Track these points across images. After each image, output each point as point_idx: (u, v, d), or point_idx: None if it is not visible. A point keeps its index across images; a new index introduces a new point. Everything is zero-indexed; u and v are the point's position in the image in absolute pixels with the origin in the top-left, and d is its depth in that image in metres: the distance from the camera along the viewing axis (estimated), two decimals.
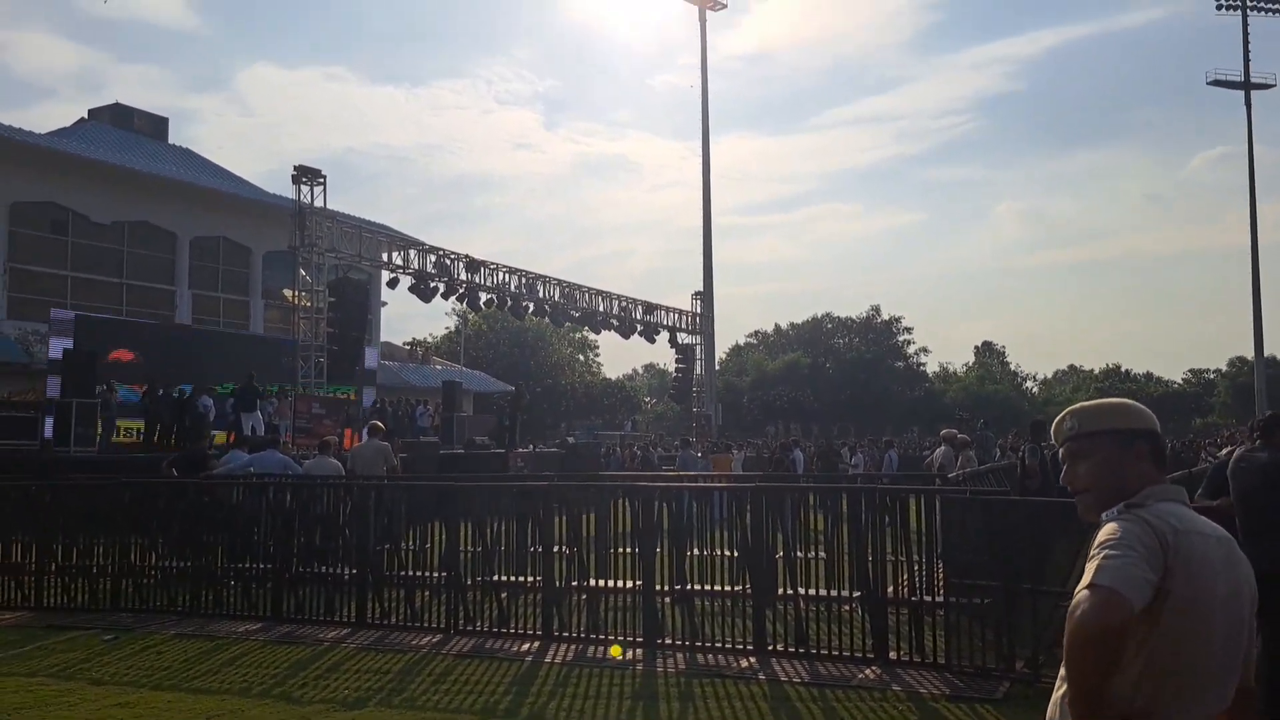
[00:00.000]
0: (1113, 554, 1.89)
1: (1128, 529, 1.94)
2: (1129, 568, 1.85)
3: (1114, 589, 1.81)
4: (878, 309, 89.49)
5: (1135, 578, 1.84)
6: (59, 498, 10.78)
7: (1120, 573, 1.84)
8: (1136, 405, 2.23)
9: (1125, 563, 1.86)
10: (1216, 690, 1.97)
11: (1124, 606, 1.80)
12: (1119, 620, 1.80)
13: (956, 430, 15.47)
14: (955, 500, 7.69)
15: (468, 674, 7.34)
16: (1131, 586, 1.82)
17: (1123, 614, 1.80)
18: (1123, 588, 1.81)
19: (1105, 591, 1.81)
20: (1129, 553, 1.88)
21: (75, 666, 7.73)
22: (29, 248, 31.11)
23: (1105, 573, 1.85)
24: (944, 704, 6.24)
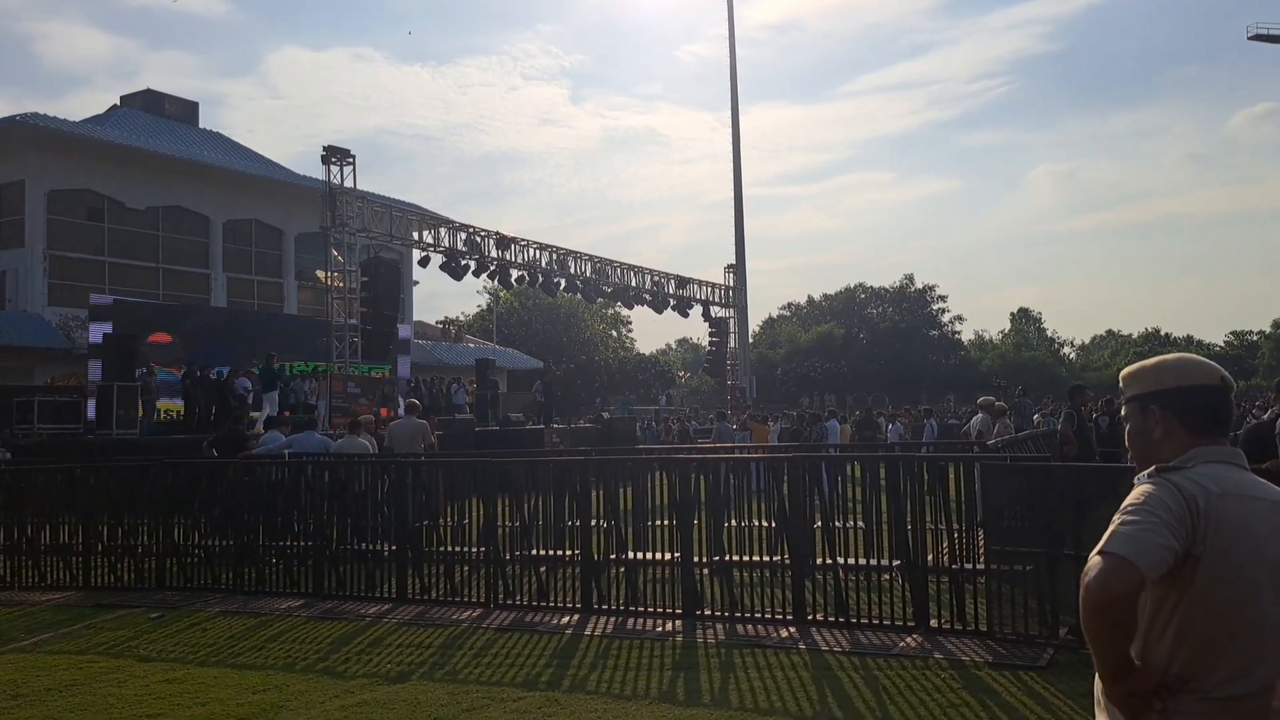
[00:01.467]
0: (1130, 519, 1.87)
1: (1152, 494, 1.91)
2: (1143, 533, 1.82)
3: (1122, 555, 1.78)
4: (911, 278, 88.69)
5: (1149, 543, 1.81)
6: (103, 479, 10.95)
7: (1132, 539, 1.81)
8: (1166, 363, 2.14)
9: (1139, 528, 1.83)
10: (1271, 658, 1.91)
11: (1131, 573, 1.77)
12: (1125, 588, 1.77)
13: (994, 398, 15.28)
14: (994, 467, 7.59)
15: (508, 647, 7.38)
16: (1143, 553, 1.79)
17: (1130, 581, 1.77)
18: (1132, 555, 1.78)
19: (1113, 559, 1.79)
20: (1149, 518, 1.85)
21: (123, 644, 7.87)
22: (67, 235, 31.54)
23: (1116, 539, 1.83)
24: (987, 671, 6.18)
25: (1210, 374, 2.11)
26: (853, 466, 9.44)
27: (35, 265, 30.31)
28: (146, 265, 33.71)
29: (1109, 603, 1.78)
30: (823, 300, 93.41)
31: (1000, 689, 5.82)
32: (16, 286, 30.24)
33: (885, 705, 5.60)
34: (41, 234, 30.58)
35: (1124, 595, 1.78)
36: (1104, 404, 19.57)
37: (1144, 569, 1.78)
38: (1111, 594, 1.78)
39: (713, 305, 39.45)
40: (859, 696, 5.79)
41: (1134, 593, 1.79)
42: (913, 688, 5.93)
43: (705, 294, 38.85)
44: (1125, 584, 1.77)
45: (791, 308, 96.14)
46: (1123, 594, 1.77)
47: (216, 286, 35.67)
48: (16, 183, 30.71)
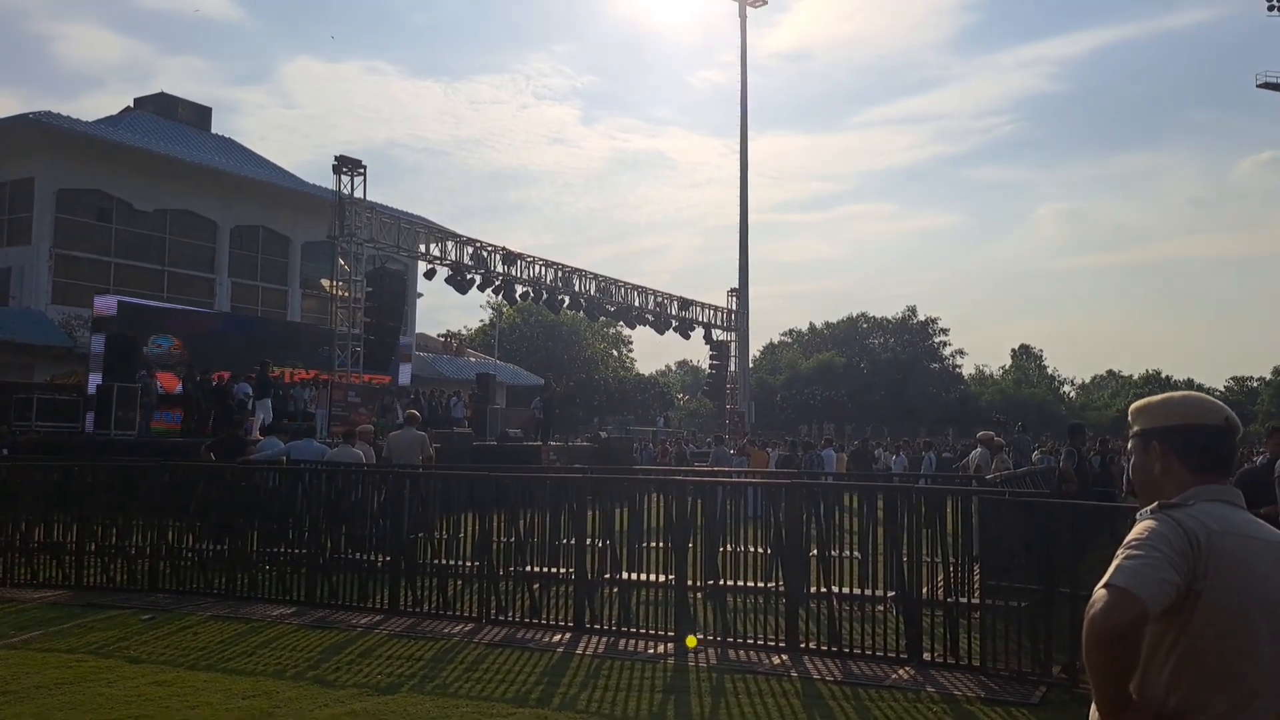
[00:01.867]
0: (1134, 553, 1.87)
1: (1155, 529, 1.92)
2: (1146, 568, 1.83)
3: (1127, 589, 1.79)
4: (914, 309, 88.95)
5: (1152, 578, 1.81)
6: (99, 479, 10.94)
7: (1136, 573, 1.82)
8: (1172, 401, 2.15)
9: (1143, 563, 1.84)
10: (1266, 695, 1.91)
11: (1136, 606, 1.78)
12: (1128, 620, 1.77)
13: (993, 433, 15.28)
14: (993, 502, 7.59)
15: (499, 663, 7.36)
16: (1147, 587, 1.80)
17: (1133, 614, 1.77)
18: (1136, 588, 1.79)
19: (1117, 592, 1.79)
20: (1151, 552, 1.85)
21: (114, 644, 7.84)
22: (74, 234, 31.62)
23: (1121, 573, 1.84)
24: (979, 706, 6.16)
25: (1215, 413, 2.11)
26: (851, 496, 9.42)
27: (40, 263, 30.37)
28: (152, 267, 33.77)
29: (1112, 635, 1.79)
30: (824, 328, 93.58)
31: None
32: (21, 283, 30.29)
33: None
34: (48, 232, 30.65)
35: (1127, 628, 1.78)
36: (1100, 444, 19.62)
37: (1147, 602, 1.79)
38: (1115, 626, 1.78)
39: (714, 328, 39.48)
40: None
41: (1137, 625, 1.79)
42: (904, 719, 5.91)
43: (707, 316, 38.90)
44: (1129, 616, 1.78)
45: (793, 334, 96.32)
46: (1126, 626, 1.78)
47: (221, 291, 35.72)
48: (26, 180, 30.82)
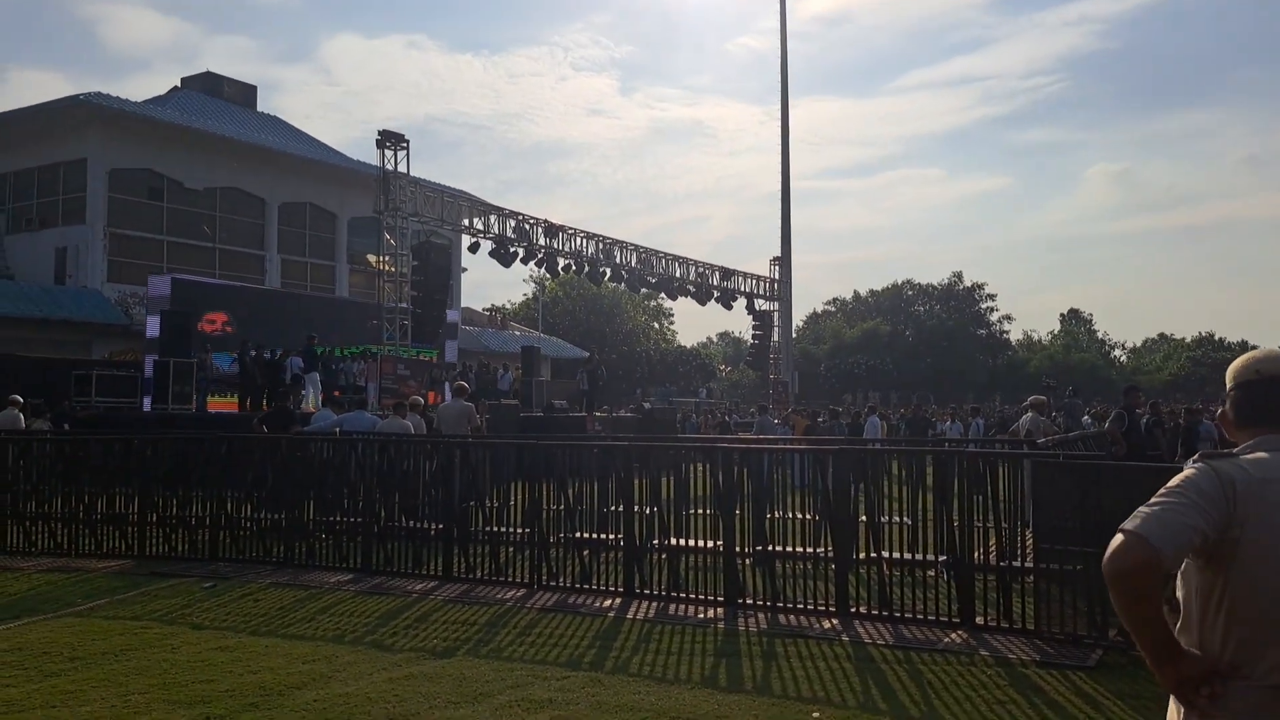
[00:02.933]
0: (1156, 500, 1.89)
1: (1188, 477, 1.93)
2: (1165, 513, 1.84)
3: (1136, 532, 1.82)
4: (960, 275, 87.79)
5: (1169, 522, 1.83)
6: (159, 451, 11.20)
7: (1151, 517, 1.84)
8: (1244, 358, 2.19)
9: (1162, 508, 1.86)
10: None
11: (1142, 548, 1.80)
12: (1134, 562, 1.80)
13: (1044, 398, 15.09)
14: (1047, 465, 7.51)
15: (552, 628, 7.46)
16: (1159, 530, 1.81)
17: (1139, 555, 1.79)
18: (1146, 531, 1.81)
19: (1127, 535, 1.83)
20: (1176, 499, 1.87)
21: (177, 612, 8.06)
22: (127, 213, 32.18)
23: (1136, 518, 1.86)
24: (1034, 670, 6.13)
25: (1267, 365, 2.14)
26: (897, 462, 9.37)
27: (96, 242, 30.98)
28: (203, 245, 34.31)
29: (1118, 576, 1.83)
30: (869, 296, 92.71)
31: (1048, 688, 5.77)
32: (77, 262, 30.93)
33: (930, 699, 5.58)
34: (102, 211, 31.22)
35: (1133, 569, 1.81)
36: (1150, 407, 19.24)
37: (1157, 544, 1.80)
38: (1120, 568, 1.82)
39: (757, 298, 39.28)
40: (903, 690, 5.78)
41: (1144, 567, 1.80)
42: (958, 683, 5.90)
43: (750, 286, 38.70)
44: (1134, 558, 1.81)
45: (837, 303, 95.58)
46: (1131, 568, 1.81)
47: (270, 268, 36.21)
48: (79, 160, 31.39)
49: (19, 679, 6.05)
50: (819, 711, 5.35)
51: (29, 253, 31.66)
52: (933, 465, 8.18)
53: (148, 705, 5.51)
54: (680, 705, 5.45)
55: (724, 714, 5.30)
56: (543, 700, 5.54)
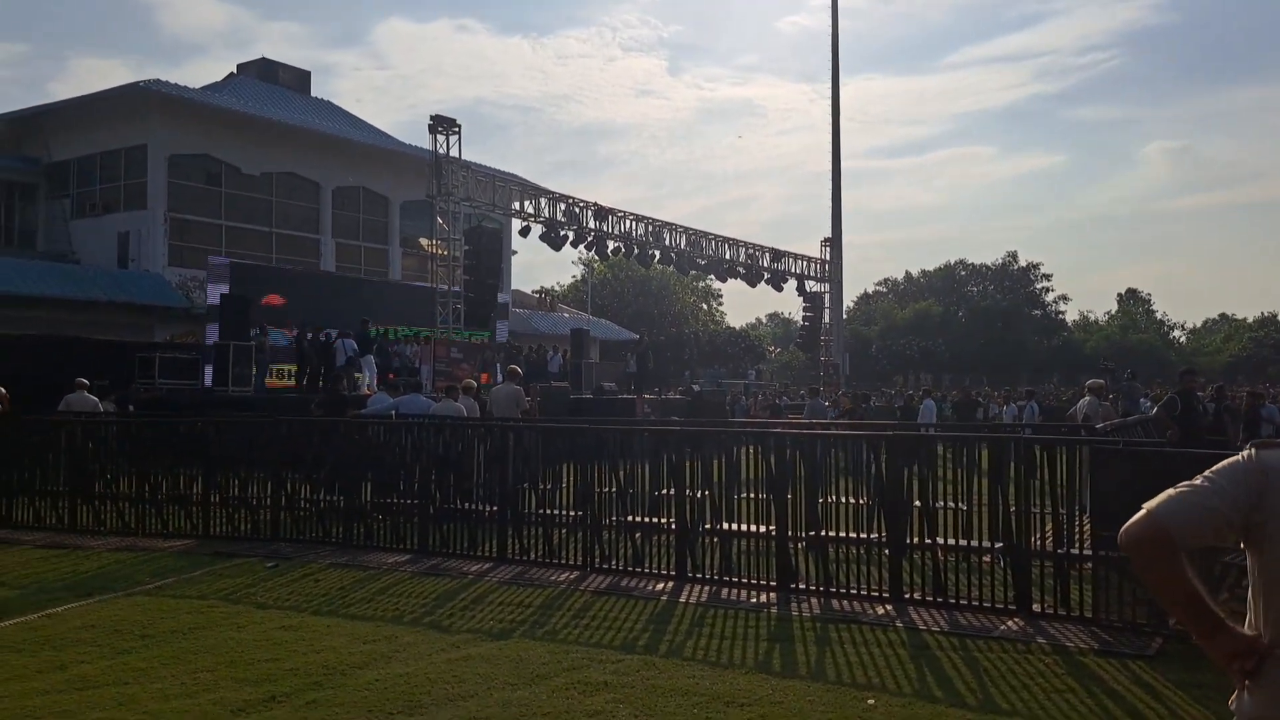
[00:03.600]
0: (1187, 483, 1.96)
1: (1227, 462, 1.98)
2: (1185, 494, 1.92)
3: (1151, 510, 1.92)
4: (1014, 255, 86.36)
5: (1185, 502, 1.91)
6: (222, 433, 11.46)
7: (1170, 498, 1.93)
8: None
9: (1187, 489, 1.93)
10: None
11: (1151, 525, 1.90)
12: (1138, 535, 1.91)
13: (1103, 381, 14.84)
14: (1106, 451, 7.40)
15: (605, 610, 7.53)
16: (1173, 510, 1.90)
17: (1147, 531, 1.90)
18: (1161, 511, 1.91)
19: (1143, 512, 1.93)
20: (1204, 483, 1.93)
21: (241, 591, 8.27)
22: (186, 198, 32.78)
23: (1158, 498, 1.95)
24: (1093, 658, 6.07)
25: None
26: (944, 447, 9.27)
27: (157, 227, 31.61)
28: (260, 229, 34.85)
29: (1126, 547, 1.95)
30: (921, 277, 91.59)
31: (1107, 676, 5.71)
32: (139, 246, 31.59)
33: (986, 687, 5.56)
34: (163, 197, 31.83)
35: (1137, 541, 1.91)
36: (1216, 391, 18.77)
37: (1164, 520, 1.89)
38: (1127, 539, 1.93)
39: (807, 279, 38.96)
40: (959, 677, 5.76)
41: (1148, 540, 1.90)
42: (1015, 671, 5.86)
43: (800, 268, 38.40)
44: (1139, 530, 1.91)
45: (888, 284, 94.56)
46: (1135, 539, 1.92)
47: (326, 251, 36.69)
48: (139, 146, 31.99)
49: (92, 655, 6.27)
50: (874, 698, 5.36)
51: (93, 237, 32.41)
52: (988, 450, 8.10)
53: (215, 683, 5.68)
54: (735, 689, 5.49)
55: (779, 699, 5.33)
56: (599, 683, 5.61)
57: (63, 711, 5.20)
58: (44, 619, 7.28)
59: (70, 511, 11.74)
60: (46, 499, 11.95)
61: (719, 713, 5.11)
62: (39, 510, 11.91)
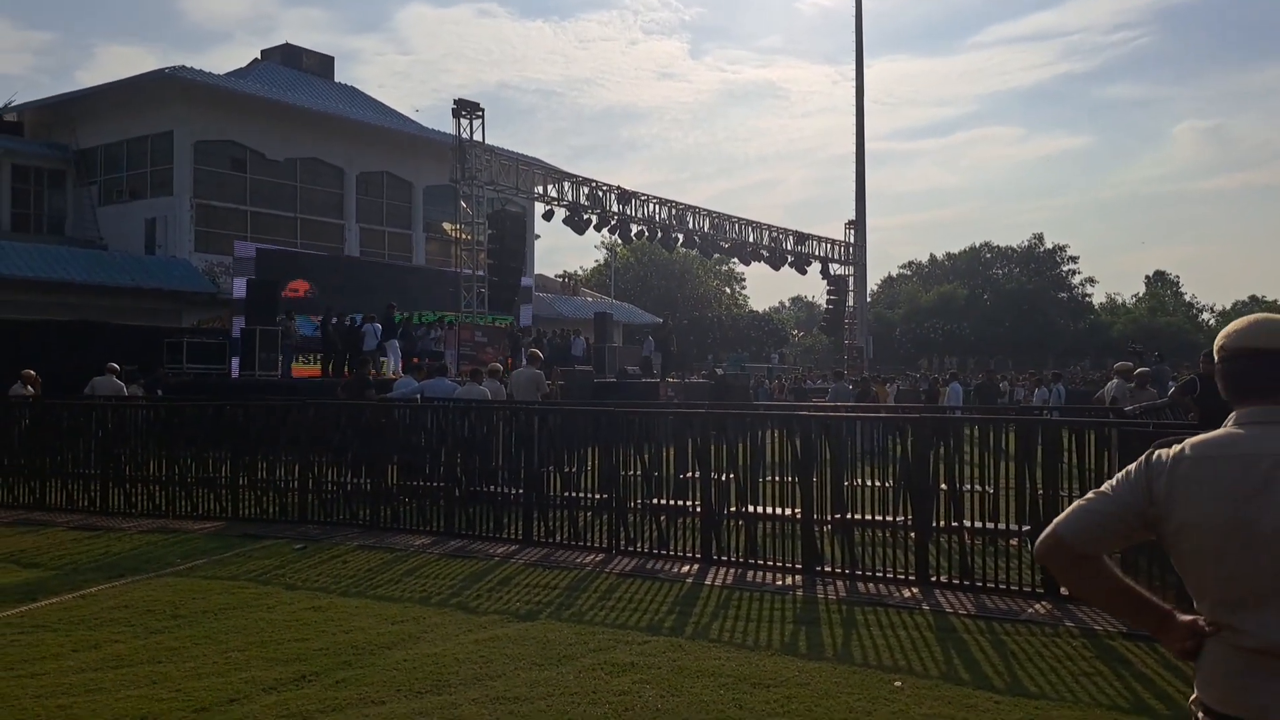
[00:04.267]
0: (1095, 490, 2.10)
1: (1130, 467, 2.08)
2: (1086, 505, 2.06)
3: (1053, 526, 2.07)
4: (1040, 237, 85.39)
5: (1086, 512, 2.04)
6: (250, 417, 11.56)
7: (1071, 512, 2.07)
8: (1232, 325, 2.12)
9: (1088, 500, 2.07)
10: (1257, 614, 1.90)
11: (1051, 539, 2.06)
12: (1042, 549, 2.09)
13: (1131, 364, 14.70)
14: (1136, 434, 7.33)
15: (631, 592, 7.56)
16: (1073, 524, 2.04)
17: (1046, 545, 2.07)
18: (1061, 526, 2.05)
19: (1048, 530, 2.09)
20: (1106, 489, 2.06)
21: (271, 572, 8.36)
22: (212, 184, 33.00)
23: (1065, 511, 2.10)
24: (1121, 641, 6.03)
25: (1253, 336, 2.05)
26: (971, 429, 9.20)
27: (183, 213, 31.84)
28: (285, 215, 35.03)
29: (1038, 560, 2.17)
30: (945, 259, 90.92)
31: (1135, 659, 5.68)
32: (166, 233, 31.85)
33: (1014, 670, 5.54)
34: (189, 183, 32.05)
35: (1043, 555, 2.10)
36: None
37: (1064, 534, 2.05)
38: (1036, 554, 2.13)
39: (831, 262, 38.81)
40: (986, 660, 5.74)
41: (1052, 553, 2.07)
42: (1042, 654, 5.84)
43: (824, 250, 38.25)
44: (1042, 546, 2.09)
45: (912, 266, 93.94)
46: (1042, 555, 2.10)
47: (350, 237, 36.85)
48: (166, 133, 32.20)
49: (125, 635, 6.36)
50: (901, 680, 5.35)
51: (121, 224, 32.69)
52: (1015, 433, 8.05)
53: (247, 662, 5.75)
54: (762, 671, 5.50)
55: (806, 681, 5.33)
56: (625, 664, 5.64)
57: (97, 689, 5.29)
58: (78, 599, 7.39)
59: (102, 494, 11.90)
60: (78, 481, 12.13)
61: (745, 694, 5.13)
62: (71, 493, 12.09)
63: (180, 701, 5.08)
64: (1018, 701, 4.99)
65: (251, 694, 5.19)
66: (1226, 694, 1.93)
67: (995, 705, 4.95)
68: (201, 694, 5.18)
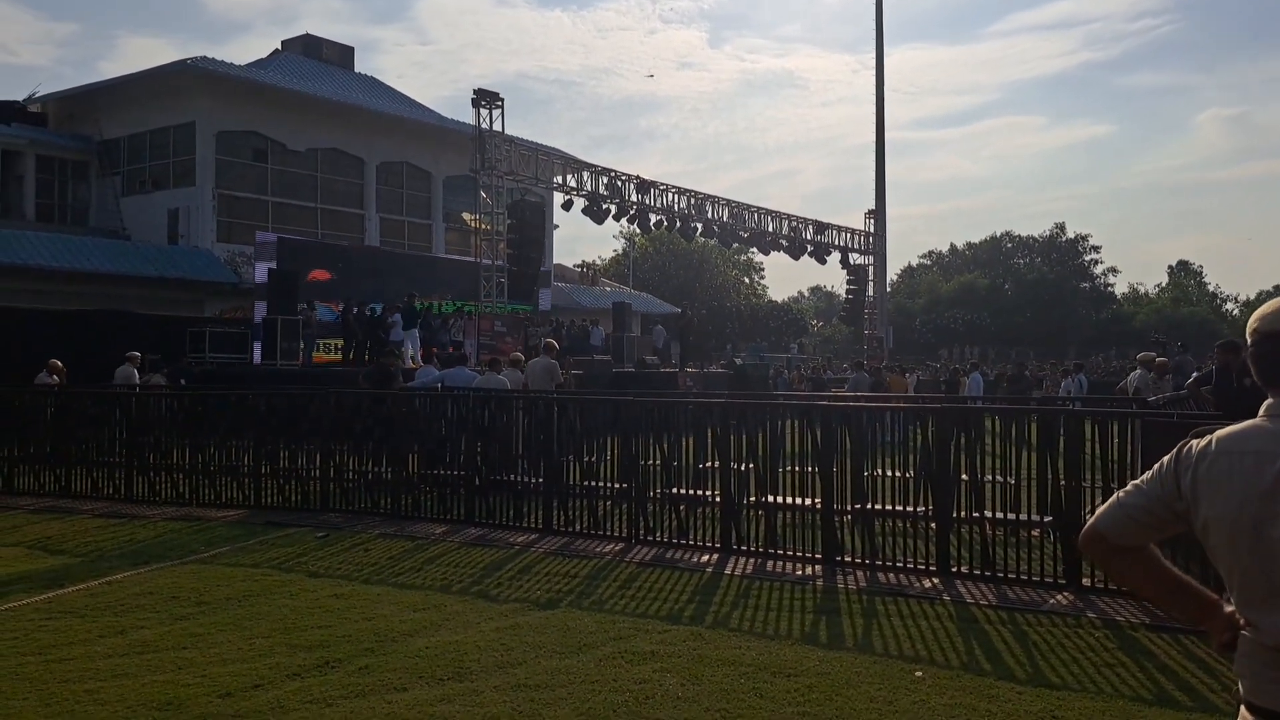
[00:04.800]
0: (1127, 486, 2.13)
1: (1163, 459, 2.06)
2: (1121, 499, 2.09)
3: (1094, 522, 2.11)
4: (1062, 227, 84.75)
5: (1120, 506, 2.07)
6: (273, 406, 11.64)
7: (1109, 505, 2.11)
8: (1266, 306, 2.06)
9: (1123, 493, 2.10)
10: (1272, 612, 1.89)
11: (1090, 532, 2.10)
12: (1082, 544, 2.14)
13: (1154, 354, 14.58)
14: (1159, 424, 7.27)
15: (650, 581, 7.58)
16: (1108, 517, 2.08)
17: (1086, 538, 2.12)
18: (1099, 518, 2.10)
19: (1089, 523, 2.13)
20: (1135, 489, 2.08)
21: (293, 560, 8.42)
22: (234, 174, 33.18)
23: (1101, 506, 2.14)
24: (1144, 633, 6.00)
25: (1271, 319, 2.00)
26: (993, 420, 9.15)
27: (205, 203, 32.04)
28: (306, 205, 35.18)
29: (1081, 552, 2.26)
30: (966, 249, 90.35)
31: (1158, 651, 5.65)
32: (189, 223, 32.06)
33: (1036, 661, 5.52)
34: (211, 173, 32.23)
35: (1083, 547, 2.15)
36: None
37: (1100, 526, 2.09)
38: (1079, 546, 2.18)
39: (851, 252, 38.65)
40: (1008, 651, 5.72)
41: (1090, 544, 2.12)
42: (1064, 645, 5.81)
43: (844, 240, 38.09)
44: (1083, 539, 2.14)
45: (933, 256, 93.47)
46: (1082, 546, 2.15)
47: (370, 227, 36.97)
48: (188, 124, 32.39)
49: (151, 621, 6.43)
50: (922, 670, 5.34)
51: (143, 214, 32.93)
52: (1038, 423, 8.01)
53: (271, 648, 5.80)
54: (782, 661, 5.50)
55: (826, 670, 5.33)
56: (645, 652, 5.65)
57: (124, 674, 5.35)
58: (104, 585, 7.48)
59: (126, 482, 12.02)
60: (103, 469, 12.25)
61: (766, 683, 5.13)
62: (96, 480, 12.21)
63: (205, 687, 5.13)
64: (1039, 692, 4.97)
65: (275, 680, 5.24)
66: (1258, 687, 1.92)
67: (1017, 696, 4.93)
68: (226, 679, 5.24)
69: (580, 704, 4.85)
